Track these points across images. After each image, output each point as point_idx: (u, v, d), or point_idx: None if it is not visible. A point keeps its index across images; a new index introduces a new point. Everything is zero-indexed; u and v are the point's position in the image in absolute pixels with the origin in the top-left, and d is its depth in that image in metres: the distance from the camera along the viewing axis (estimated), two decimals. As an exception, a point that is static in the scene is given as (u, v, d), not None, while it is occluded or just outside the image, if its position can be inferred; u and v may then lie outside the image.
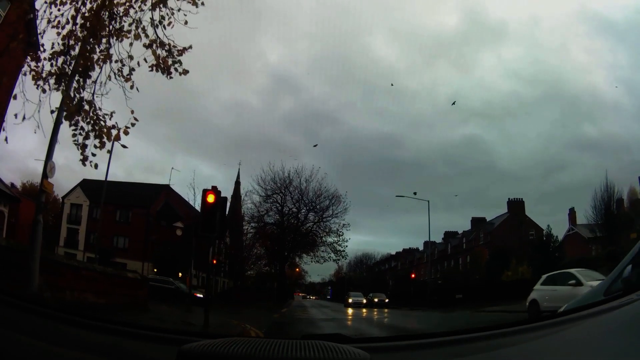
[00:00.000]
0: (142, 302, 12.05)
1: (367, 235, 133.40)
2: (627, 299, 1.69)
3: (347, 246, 38.82)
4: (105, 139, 6.45)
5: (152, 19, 6.53)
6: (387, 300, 39.48)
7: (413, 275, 50.07)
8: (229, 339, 1.56)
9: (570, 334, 1.68)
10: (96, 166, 6.65)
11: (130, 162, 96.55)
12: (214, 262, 42.41)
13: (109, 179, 45.10)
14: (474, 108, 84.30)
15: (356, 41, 71.62)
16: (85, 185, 44.89)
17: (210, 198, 9.72)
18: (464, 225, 65.78)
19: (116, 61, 6.55)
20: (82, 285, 9.42)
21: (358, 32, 76.00)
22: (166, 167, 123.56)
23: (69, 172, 62.22)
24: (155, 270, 37.83)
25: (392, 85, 67.70)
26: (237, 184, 57.87)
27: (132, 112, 6.50)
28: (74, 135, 6.52)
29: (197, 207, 21.97)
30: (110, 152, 28.71)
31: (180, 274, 32.11)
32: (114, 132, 6.42)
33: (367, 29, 78.55)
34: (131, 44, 6.59)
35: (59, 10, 6.35)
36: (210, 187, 9.97)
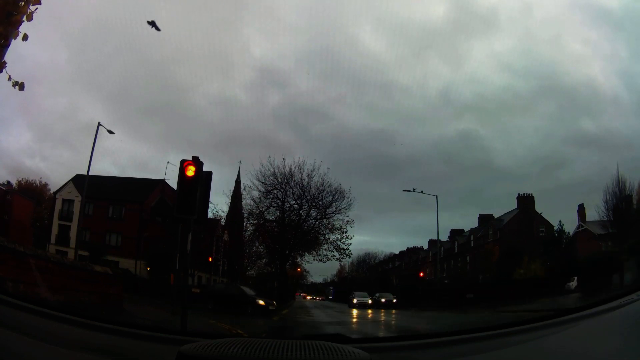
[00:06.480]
0: (114, 301, 10.19)
1: (365, 235, 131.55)
2: (627, 299, 1.73)
3: (350, 244, 36.90)
4: None
5: None
6: (395, 301, 37.72)
7: (422, 274, 48.24)
8: (229, 340, 1.59)
9: (570, 334, 1.70)
10: None
11: (124, 160, 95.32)
12: (210, 259, 41.19)
13: (102, 174, 43.46)
14: (467, 102, 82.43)
15: (343, 33, 69.73)
16: (78, 180, 43.21)
17: (190, 171, 7.81)
18: (463, 224, 64.08)
19: None
20: (30, 277, 7.56)
21: (344, 23, 74.06)
22: (160, 165, 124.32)
23: (64, 169, 60.91)
24: (148, 269, 36.17)
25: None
26: (238, 183, 56.43)
27: None
28: None
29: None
30: (94, 143, 27.33)
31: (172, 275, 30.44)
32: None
33: (353, 20, 76.73)
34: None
35: None
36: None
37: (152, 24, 17.77)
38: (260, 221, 36.98)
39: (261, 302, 20.35)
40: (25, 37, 5.18)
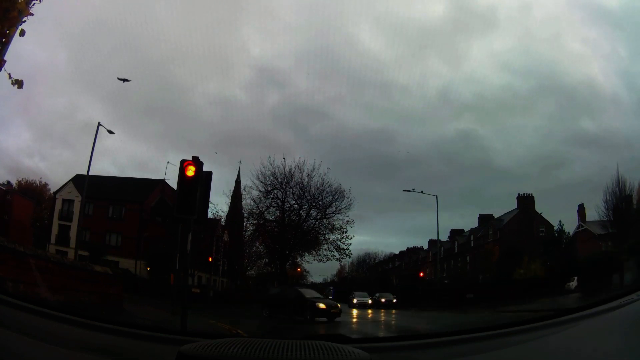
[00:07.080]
0: (114, 301, 10.19)
1: (365, 235, 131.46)
2: (627, 299, 1.73)
3: (350, 244, 36.92)
4: None
5: None
6: (395, 301, 37.75)
7: (422, 274, 48.27)
8: (229, 340, 1.58)
9: (570, 334, 1.69)
10: None
11: (124, 160, 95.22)
12: (210, 259, 41.18)
13: (102, 174, 43.47)
14: (467, 102, 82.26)
15: (342, 32, 69.47)
16: (78, 180, 43.22)
17: (190, 171, 7.81)
18: (463, 224, 64.03)
19: None
20: (30, 277, 7.55)
21: (343, 23, 74.02)
22: (160, 165, 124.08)
23: (64, 169, 60.85)
24: (148, 269, 36.18)
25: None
26: (238, 183, 56.50)
27: None
28: None
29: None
30: (94, 143, 27.36)
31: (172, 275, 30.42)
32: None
33: (352, 19, 76.73)
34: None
35: None
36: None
37: (124, 80, 21.97)
38: (260, 221, 37.03)
39: (322, 306, 18.65)
40: (22, 33, 5.14)
